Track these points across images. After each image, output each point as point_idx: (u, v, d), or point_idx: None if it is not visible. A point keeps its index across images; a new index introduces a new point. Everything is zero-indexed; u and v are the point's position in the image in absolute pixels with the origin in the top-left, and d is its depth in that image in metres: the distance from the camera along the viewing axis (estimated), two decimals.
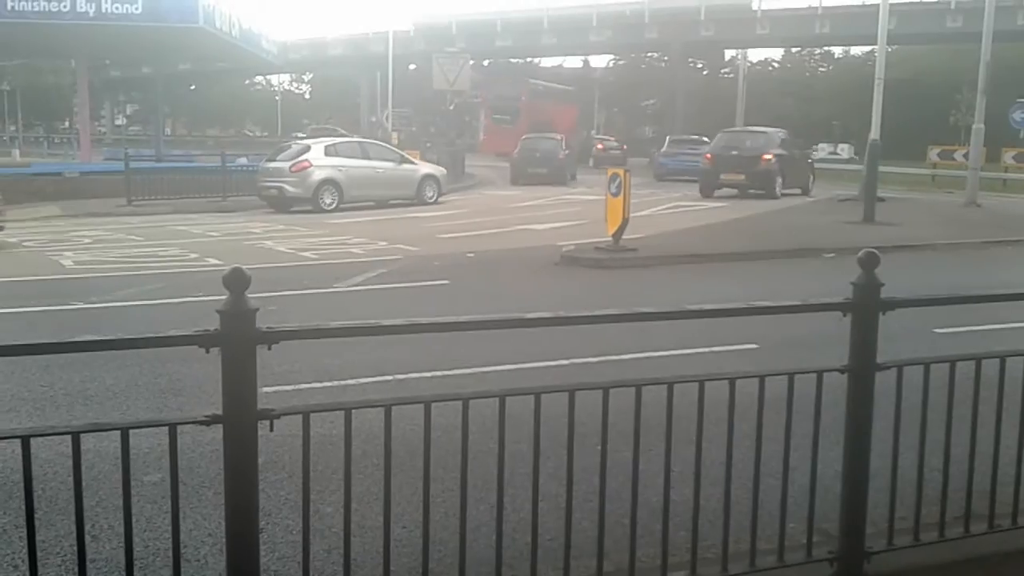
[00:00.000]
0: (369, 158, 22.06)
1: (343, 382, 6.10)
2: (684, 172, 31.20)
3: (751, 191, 23.43)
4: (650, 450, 3.07)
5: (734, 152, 23.79)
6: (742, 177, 23.30)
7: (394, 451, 2.82)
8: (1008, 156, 34.21)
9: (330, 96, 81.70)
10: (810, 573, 3.29)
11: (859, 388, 3.24)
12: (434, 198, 22.75)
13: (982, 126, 21.91)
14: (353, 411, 2.77)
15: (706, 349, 6.69)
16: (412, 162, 23.40)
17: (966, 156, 26.85)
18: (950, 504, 3.44)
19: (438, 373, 6.24)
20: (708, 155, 24.87)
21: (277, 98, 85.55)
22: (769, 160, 23.38)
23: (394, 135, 38.62)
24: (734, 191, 23.90)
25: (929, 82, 51.29)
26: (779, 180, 23.66)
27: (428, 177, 22.96)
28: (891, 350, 3.33)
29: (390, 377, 6.19)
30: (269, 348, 2.58)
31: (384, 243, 14.43)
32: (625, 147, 46.91)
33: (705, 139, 34.07)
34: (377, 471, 2.91)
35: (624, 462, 3.06)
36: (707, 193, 24.04)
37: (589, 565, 3.11)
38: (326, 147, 21.93)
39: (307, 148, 21.92)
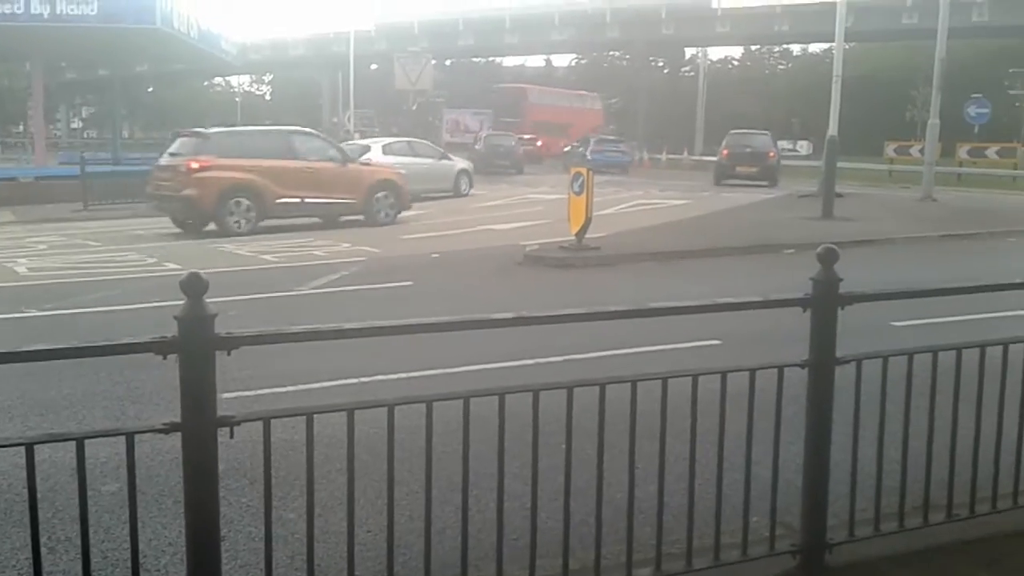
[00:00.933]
0: (417, 155, 24.06)
1: (305, 386, 6.04)
2: (608, 165, 35.71)
3: (758, 182, 27.95)
4: (614, 448, 3.08)
5: (747, 149, 29.05)
6: (754, 169, 28.51)
7: (358, 455, 2.80)
8: (963, 151, 34.88)
9: (291, 97, 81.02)
10: (773, 566, 3.33)
11: (819, 382, 3.28)
12: (467, 190, 24.76)
13: (937, 121, 22.28)
14: (315, 416, 2.75)
15: (669, 346, 6.73)
16: (449, 158, 25.46)
17: (922, 151, 27.29)
18: (909, 495, 3.49)
19: (402, 376, 6.21)
20: (724, 151, 29.62)
21: (237, 99, 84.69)
22: (774, 156, 29.35)
23: (356, 136, 38.38)
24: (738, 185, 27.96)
25: (886, 78, 52.11)
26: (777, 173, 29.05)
27: (463, 171, 25.08)
28: (850, 344, 3.37)
29: (353, 380, 6.15)
30: (228, 354, 2.55)
31: (347, 245, 14.34)
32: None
33: (621, 139, 40.91)
34: (341, 476, 2.89)
35: (589, 460, 3.07)
36: (718, 181, 28.75)
37: (555, 564, 3.12)
38: (383, 147, 23.94)
39: (368, 148, 23.46)
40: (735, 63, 72.48)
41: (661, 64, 67.18)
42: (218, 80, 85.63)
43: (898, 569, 3.37)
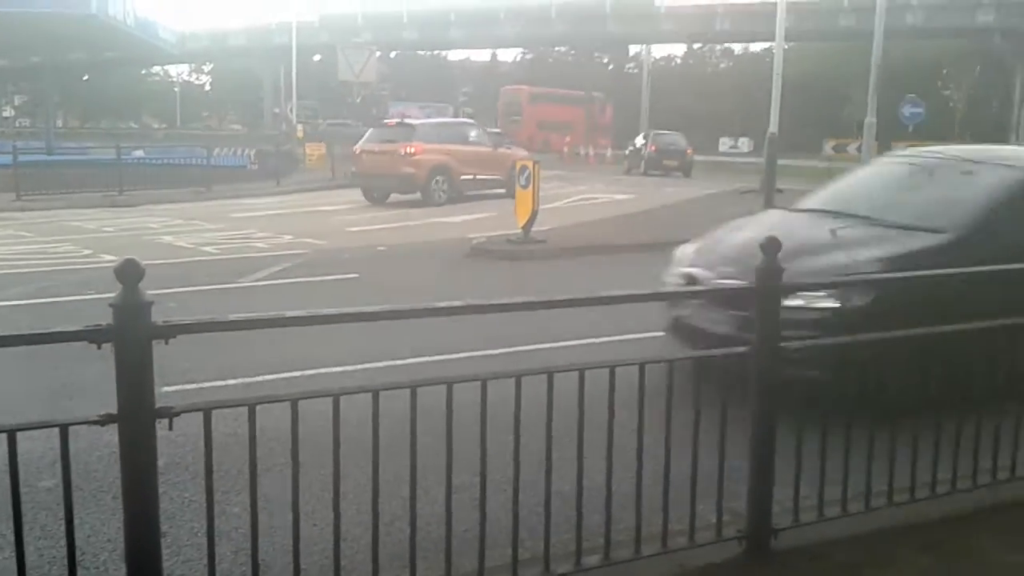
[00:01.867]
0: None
1: (249, 379, 5.93)
2: None
3: (676, 174, 33.86)
4: (563, 438, 3.08)
5: (671, 146, 35.20)
6: (676, 163, 34.57)
7: (303, 448, 2.75)
8: (898, 150, 35.71)
9: (232, 88, 79.60)
10: (720, 552, 3.36)
11: (763, 368, 3.31)
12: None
13: (874, 120, 22.73)
14: (259, 407, 2.68)
15: (615, 337, 6.76)
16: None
17: (859, 149, 27.86)
18: (851, 481, 3.55)
19: (347, 368, 6.14)
20: (653, 147, 35.28)
21: (176, 89, 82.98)
22: (691, 153, 35.65)
23: (299, 128, 37.86)
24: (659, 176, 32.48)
25: (825, 77, 53.12)
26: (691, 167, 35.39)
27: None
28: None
29: (298, 373, 6.05)
30: (166, 343, 2.48)
31: (290, 237, 14.13)
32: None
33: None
34: (286, 469, 2.83)
35: (537, 450, 3.05)
36: (646, 171, 34.21)
37: (504, 554, 3.10)
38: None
39: None
40: (678, 61, 73.28)
41: (606, 61, 67.61)
42: (156, 69, 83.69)
43: (841, 553, 3.43)
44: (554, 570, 3.08)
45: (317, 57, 56.59)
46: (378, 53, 35.64)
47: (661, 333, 6.92)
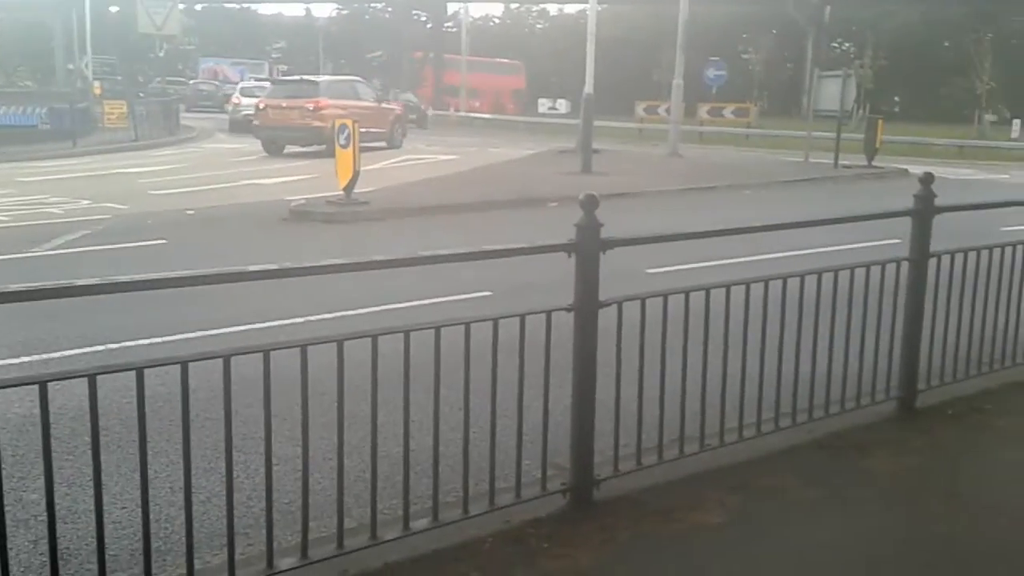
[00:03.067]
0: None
1: (45, 355, 5.48)
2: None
3: (417, 125, 36.47)
4: (388, 402, 3.02)
5: (411, 103, 38.59)
6: (415, 117, 37.26)
7: (109, 426, 2.58)
8: (703, 110, 37.50)
9: (19, 40, 72.81)
10: (546, 506, 3.42)
11: (584, 325, 3.38)
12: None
13: (681, 82, 23.70)
14: (51, 384, 2.46)
15: (441, 299, 6.74)
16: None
17: (668, 111, 29.02)
18: (667, 429, 3.70)
19: (156, 340, 5.78)
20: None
21: None
22: (425, 109, 40.94)
23: (96, 85, 35.16)
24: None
25: (636, 41, 54.82)
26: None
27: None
28: (611, 290, 3.49)
29: (100, 347, 5.65)
30: None
31: (88, 202, 13.15)
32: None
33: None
34: (88, 449, 2.61)
35: (363, 416, 2.99)
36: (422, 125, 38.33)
37: (329, 525, 3.03)
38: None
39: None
40: (496, 21, 73.47)
41: (424, 19, 66.82)
42: None
43: (658, 499, 3.58)
44: (381, 536, 3.04)
45: (114, 8, 52.73)
46: (181, 5, 33.62)
47: (487, 293, 6.97)
